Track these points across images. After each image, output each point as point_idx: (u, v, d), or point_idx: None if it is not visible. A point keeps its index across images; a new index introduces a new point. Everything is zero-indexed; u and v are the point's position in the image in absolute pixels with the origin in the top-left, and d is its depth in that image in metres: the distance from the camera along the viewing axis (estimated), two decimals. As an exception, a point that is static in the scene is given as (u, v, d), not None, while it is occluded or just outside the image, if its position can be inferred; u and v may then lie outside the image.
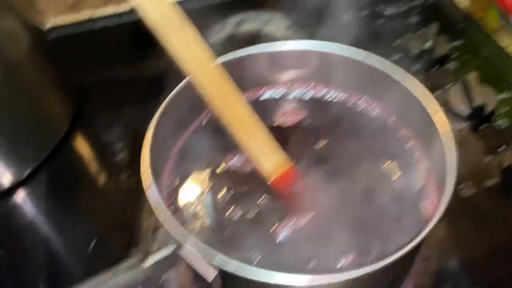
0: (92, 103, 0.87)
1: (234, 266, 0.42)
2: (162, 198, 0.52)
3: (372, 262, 0.42)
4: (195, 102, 0.59)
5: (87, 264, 0.64)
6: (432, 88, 0.57)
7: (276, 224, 0.52)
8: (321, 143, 0.59)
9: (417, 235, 0.47)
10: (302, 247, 0.51)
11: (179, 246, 0.46)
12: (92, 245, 0.66)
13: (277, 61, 0.64)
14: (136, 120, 0.82)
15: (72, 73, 0.90)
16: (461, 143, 0.52)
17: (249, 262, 0.42)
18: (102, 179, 0.76)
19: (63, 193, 0.74)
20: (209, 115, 0.63)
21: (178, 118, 0.58)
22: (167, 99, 0.56)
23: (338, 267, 0.48)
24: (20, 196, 0.74)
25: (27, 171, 0.76)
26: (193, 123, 0.62)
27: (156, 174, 0.54)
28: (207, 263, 0.45)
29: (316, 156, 0.58)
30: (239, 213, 0.54)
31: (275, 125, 0.63)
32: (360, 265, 0.42)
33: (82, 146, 0.82)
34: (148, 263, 0.45)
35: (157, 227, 0.68)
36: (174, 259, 0.46)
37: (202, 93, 0.55)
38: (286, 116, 0.63)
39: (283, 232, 0.52)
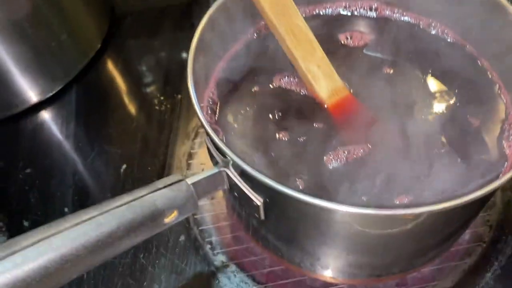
0: (125, 28, 0.81)
1: (286, 191, 0.36)
2: (206, 116, 0.46)
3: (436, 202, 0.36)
4: (245, 12, 0.52)
5: (116, 189, 0.60)
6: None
7: (328, 153, 0.47)
8: (386, 70, 0.52)
9: (494, 178, 0.41)
10: (354, 180, 0.45)
11: (226, 166, 0.41)
12: (122, 170, 0.62)
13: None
14: (169, 47, 0.78)
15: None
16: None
17: (295, 188, 0.37)
18: (132, 103, 0.71)
19: (92, 114, 0.70)
20: (259, 30, 0.56)
21: (225, 29, 0.52)
22: (215, 5, 0.49)
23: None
24: (48, 114, 0.70)
25: (56, 88, 0.71)
26: (242, 37, 0.55)
27: (200, 89, 0.48)
28: (254, 187, 0.40)
29: (379, 84, 0.51)
30: (287, 137, 0.48)
31: (337, 45, 0.56)
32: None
33: (113, 68, 0.77)
34: (192, 180, 0.40)
35: (191, 153, 0.63)
36: (219, 179, 0.42)
37: (255, 2, 0.49)
38: (350, 39, 0.55)
39: (335, 162, 0.46)
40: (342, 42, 0.55)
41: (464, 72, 0.51)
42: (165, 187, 0.39)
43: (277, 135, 0.48)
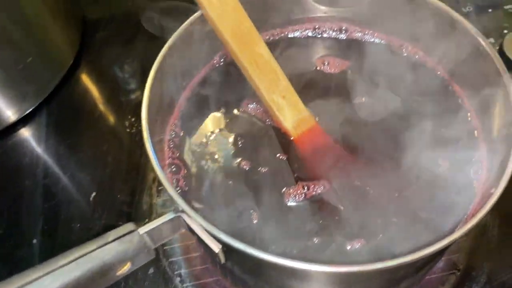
0: (98, 38, 0.79)
1: (238, 246, 0.35)
2: (167, 154, 0.45)
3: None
4: (209, 39, 0.51)
5: (85, 218, 0.59)
6: (485, 33, 0.47)
7: (288, 187, 0.45)
8: (359, 99, 0.50)
9: (462, 216, 0.40)
10: (310, 219, 0.44)
11: (181, 213, 0.40)
12: (91, 197, 0.61)
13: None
14: (146, 57, 0.75)
15: (77, 4, 0.82)
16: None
17: (252, 242, 0.35)
18: (107, 121, 0.70)
19: (63, 137, 0.68)
20: (224, 55, 0.54)
21: (188, 57, 0.50)
22: (171, 39, 0.47)
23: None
24: (19, 137, 0.68)
25: (25, 111, 0.69)
26: (206, 64, 0.54)
27: (160, 123, 0.46)
28: (211, 236, 0.39)
29: (349, 114, 0.49)
30: (249, 167, 0.47)
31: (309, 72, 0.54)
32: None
33: (86, 86, 0.75)
34: (146, 229, 0.39)
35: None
36: (176, 224, 0.40)
37: (215, 30, 0.47)
38: (326, 64, 0.54)
39: (293, 198, 0.45)
40: (318, 68, 0.53)
41: (436, 99, 0.49)
42: (115, 239, 0.37)
43: (240, 166, 0.47)
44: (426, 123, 0.47)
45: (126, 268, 0.38)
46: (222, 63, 0.54)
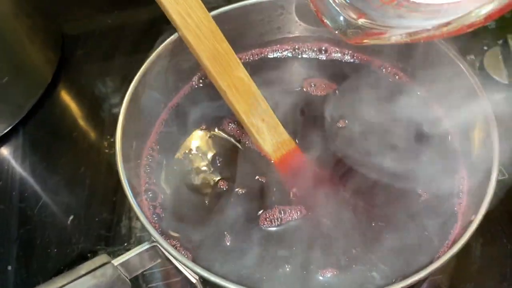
0: (76, 55, 0.78)
1: (214, 280, 0.34)
2: (144, 179, 0.44)
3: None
4: (186, 61, 0.50)
5: (62, 243, 0.57)
6: (465, 51, 0.47)
7: (265, 211, 0.45)
8: (340, 123, 0.50)
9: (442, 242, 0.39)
10: (284, 245, 0.43)
11: (157, 243, 0.39)
12: (69, 221, 0.59)
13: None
14: (125, 73, 0.74)
15: (54, 21, 0.81)
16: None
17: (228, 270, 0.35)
18: (85, 142, 0.68)
19: (42, 155, 0.67)
20: (200, 79, 0.53)
21: (162, 84, 0.49)
22: (146, 63, 0.47)
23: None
24: (-5, 157, 0.67)
25: (4, 130, 0.68)
26: (183, 86, 0.53)
27: (135, 152, 0.45)
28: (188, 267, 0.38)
29: (331, 137, 0.48)
30: (227, 190, 0.46)
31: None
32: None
33: (65, 102, 0.73)
34: (120, 260, 0.38)
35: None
36: (152, 254, 0.39)
37: (193, 52, 0.47)
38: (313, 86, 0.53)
39: (268, 222, 0.44)
40: (304, 89, 0.53)
41: (417, 119, 0.49)
42: (88, 273, 0.36)
43: (218, 188, 0.46)
44: (407, 146, 0.46)
45: (100, 302, 0.37)
46: (201, 84, 0.53)
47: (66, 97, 0.74)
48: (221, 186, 0.47)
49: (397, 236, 0.43)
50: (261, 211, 0.45)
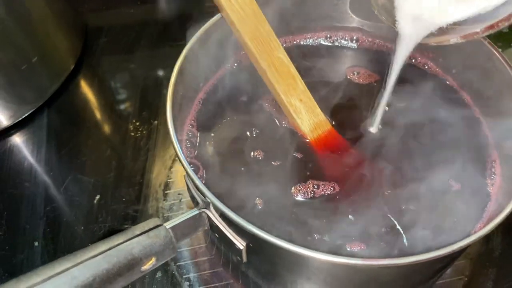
0: (99, 48, 0.79)
1: (269, 239, 0.35)
2: (185, 151, 0.45)
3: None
4: (225, 43, 0.51)
5: (89, 221, 0.58)
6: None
7: (297, 184, 0.46)
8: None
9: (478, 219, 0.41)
10: (316, 216, 0.44)
11: (207, 208, 0.39)
12: (95, 200, 0.59)
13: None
14: (145, 68, 0.76)
15: (79, 10, 0.82)
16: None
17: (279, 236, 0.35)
18: (107, 128, 0.69)
19: (64, 140, 0.67)
20: (239, 60, 0.55)
21: (205, 61, 0.51)
22: (194, 37, 0.48)
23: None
24: (18, 139, 0.67)
25: (26, 112, 0.68)
26: (222, 67, 0.54)
27: (180, 122, 0.46)
28: (236, 230, 0.39)
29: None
30: (263, 162, 0.47)
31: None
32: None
33: (87, 91, 0.74)
34: (171, 224, 0.39)
35: (168, 183, 0.61)
36: (199, 221, 0.40)
37: (235, 33, 0.48)
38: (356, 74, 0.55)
39: (301, 195, 0.45)
40: (349, 77, 0.55)
41: (446, 106, 0.51)
42: (142, 233, 0.37)
43: (255, 161, 0.47)
44: (443, 135, 0.48)
45: (150, 264, 0.38)
46: (235, 67, 0.55)
47: (88, 84, 0.75)
48: (259, 158, 0.48)
49: (429, 216, 0.44)
50: (296, 183, 0.46)
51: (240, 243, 0.40)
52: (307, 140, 0.49)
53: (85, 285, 0.34)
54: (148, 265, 0.38)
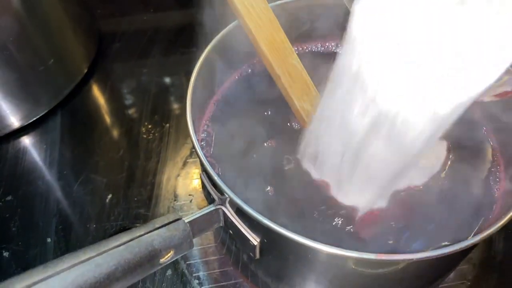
0: (112, 52, 0.81)
1: (286, 234, 0.36)
2: (203, 152, 0.46)
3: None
4: (240, 49, 0.53)
5: (101, 219, 0.59)
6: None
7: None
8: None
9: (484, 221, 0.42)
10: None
11: (223, 204, 0.41)
12: (107, 200, 0.61)
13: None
14: (157, 73, 0.78)
15: (95, 15, 0.84)
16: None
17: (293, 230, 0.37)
18: (119, 130, 0.70)
19: (77, 141, 0.69)
20: (252, 64, 0.57)
21: (221, 64, 0.52)
22: (212, 42, 0.50)
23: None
24: (32, 139, 0.69)
25: (40, 113, 0.70)
26: (236, 71, 0.56)
27: (196, 122, 0.48)
28: (251, 226, 0.40)
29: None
30: (280, 166, 0.49)
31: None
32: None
33: (100, 94, 0.76)
34: (189, 218, 0.40)
35: (179, 184, 0.63)
36: (215, 217, 0.42)
37: (252, 39, 0.50)
38: None
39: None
40: None
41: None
42: (162, 226, 0.38)
43: (270, 164, 0.49)
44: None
45: (169, 256, 0.39)
46: (249, 72, 0.57)
47: (101, 87, 0.77)
48: (275, 160, 0.49)
49: (436, 218, 0.46)
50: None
51: (254, 239, 0.41)
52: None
53: (108, 273, 0.35)
54: (166, 258, 0.39)
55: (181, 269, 0.55)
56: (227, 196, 0.39)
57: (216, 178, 0.40)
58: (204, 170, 0.42)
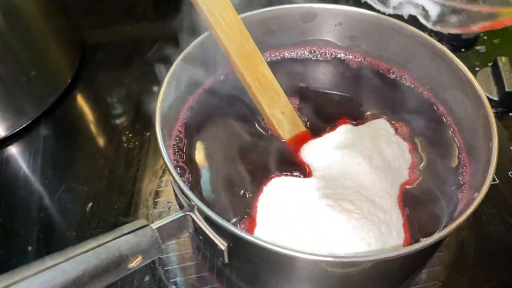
0: (96, 61, 0.82)
1: (249, 238, 0.38)
2: (173, 155, 0.48)
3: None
4: (213, 56, 0.55)
5: (82, 227, 0.60)
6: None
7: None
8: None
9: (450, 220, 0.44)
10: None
11: (191, 210, 0.42)
12: (88, 207, 0.62)
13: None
14: (140, 81, 0.79)
15: (78, 26, 0.86)
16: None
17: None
18: (101, 139, 0.72)
19: (60, 150, 0.70)
20: (226, 72, 0.58)
21: (194, 71, 0.54)
22: (183, 53, 0.51)
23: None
24: (15, 149, 0.70)
25: (24, 123, 0.71)
26: (209, 78, 0.58)
27: (168, 128, 0.50)
28: (218, 232, 0.42)
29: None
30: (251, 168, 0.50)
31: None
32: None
33: (83, 103, 0.77)
34: (157, 225, 0.41)
35: (158, 191, 0.64)
36: (184, 223, 0.43)
37: (223, 49, 0.51)
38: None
39: None
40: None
41: (423, 119, 0.54)
42: (129, 232, 0.40)
43: (239, 164, 0.50)
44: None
45: (137, 262, 0.40)
46: (222, 78, 0.58)
47: (84, 97, 0.78)
48: (243, 165, 0.51)
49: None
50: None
51: (221, 244, 0.42)
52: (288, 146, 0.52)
53: (75, 279, 0.36)
54: (134, 263, 0.40)
55: (159, 275, 0.56)
56: (194, 203, 0.40)
57: (182, 185, 0.41)
58: (172, 176, 0.43)
